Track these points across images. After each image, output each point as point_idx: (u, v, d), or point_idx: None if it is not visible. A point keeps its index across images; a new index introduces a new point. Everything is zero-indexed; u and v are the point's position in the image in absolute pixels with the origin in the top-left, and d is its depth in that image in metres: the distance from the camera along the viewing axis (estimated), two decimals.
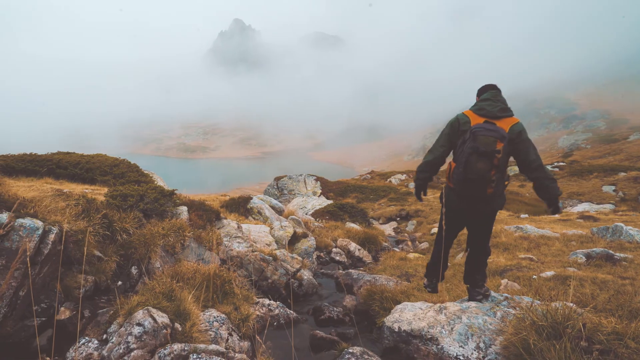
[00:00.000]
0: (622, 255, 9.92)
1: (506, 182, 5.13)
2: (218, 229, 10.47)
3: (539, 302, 5.14)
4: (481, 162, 4.77)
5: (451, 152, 5.53)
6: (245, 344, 5.57)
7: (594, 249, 10.42)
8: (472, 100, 5.74)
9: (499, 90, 5.37)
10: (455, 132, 5.26)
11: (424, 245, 18.41)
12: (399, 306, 6.40)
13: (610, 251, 10.13)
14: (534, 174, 4.98)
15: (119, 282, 6.69)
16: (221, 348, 4.63)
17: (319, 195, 43.25)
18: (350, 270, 11.18)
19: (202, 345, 4.53)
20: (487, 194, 4.99)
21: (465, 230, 5.95)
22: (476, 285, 5.99)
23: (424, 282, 6.55)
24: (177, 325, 4.92)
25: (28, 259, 4.38)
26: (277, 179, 49.96)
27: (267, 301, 7.44)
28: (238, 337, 5.64)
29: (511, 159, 5.11)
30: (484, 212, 5.38)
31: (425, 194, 5.84)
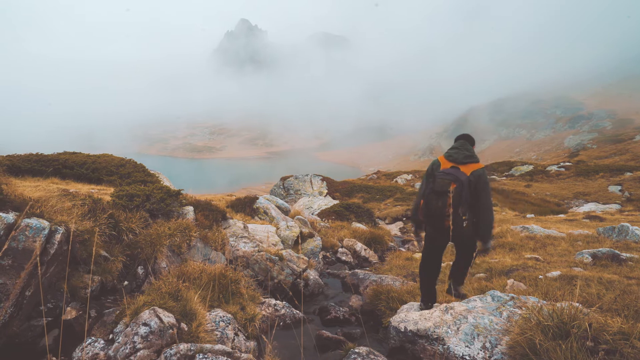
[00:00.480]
0: (628, 255, 9.86)
1: (464, 217, 5.69)
2: (224, 229, 10.48)
3: (545, 302, 5.15)
4: (438, 201, 5.69)
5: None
6: (252, 344, 5.58)
7: (600, 249, 10.38)
8: (478, 100, 6.01)
9: (467, 140, 6.29)
10: (430, 174, 6.07)
11: None
12: (405, 306, 6.43)
13: (617, 251, 10.07)
14: (479, 214, 5.74)
15: (125, 282, 6.70)
16: (227, 348, 4.63)
17: (325, 195, 43.27)
18: (356, 270, 11.16)
19: (208, 345, 4.53)
20: (445, 227, 5.73)
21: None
22: (457, 283, 6.60)
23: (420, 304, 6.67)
24: (183, 325, 4.93)
25: (38, 260, 4.40)
26: (284, 179, 50.01)
27: (273, 301, 7.46)
28: (244, 337, 5.65)
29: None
30: (460, 239, 6.03)
31: (420, 232, 6.48)
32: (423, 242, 6.29)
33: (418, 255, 13.59)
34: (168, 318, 4.80)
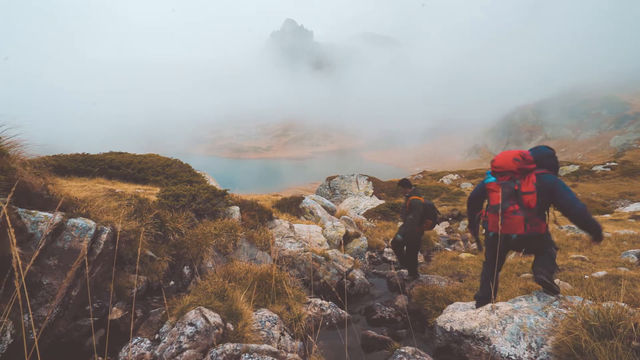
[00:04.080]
0: None
1: None
2: (270, 229, 10.50)
3: (590, 301, 5.08)
4: None
5: None
6: (297, 344, 5.54)
7: None
8: (523, 101, 5.87)
9: None
10: None
11: (476, 245, 18.21)
12: (451, 306, 6.36)
13: None
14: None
15: (171, 282, 6.73)
16: (273, 348, 4.60)
17: (371, 195, 43.15)
18: (402, 270, 11.08)
19: (254, 345, 4.50)
20: None
21: None
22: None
23: None
24: (229, 325, 4.91)
25: (86, 260, 4.41)
26: (329, 179, 50.01)
27: (319, 301, 7.40)
28: (290, 337, 5.62)
29: None
30: None
31: None
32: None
33: (464, 256, 13.47)
34: (214, 318, 4.79)
